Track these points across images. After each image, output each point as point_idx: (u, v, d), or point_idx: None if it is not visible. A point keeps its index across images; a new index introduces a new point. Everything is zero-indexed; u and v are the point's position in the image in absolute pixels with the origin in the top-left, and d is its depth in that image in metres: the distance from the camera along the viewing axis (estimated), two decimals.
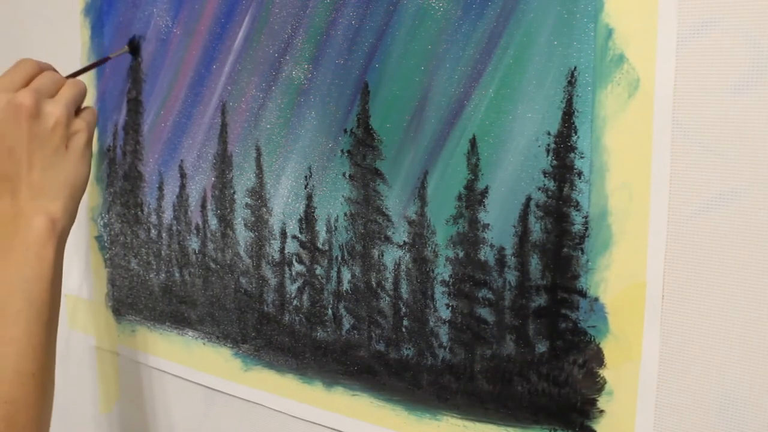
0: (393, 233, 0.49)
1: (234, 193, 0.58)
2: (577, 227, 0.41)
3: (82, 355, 0.75)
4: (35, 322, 0.46)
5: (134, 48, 0.62)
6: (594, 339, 0.41)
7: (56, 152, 0.49)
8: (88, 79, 0.70)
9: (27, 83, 0.50)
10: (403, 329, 0.49)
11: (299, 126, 0.53)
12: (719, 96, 0.36)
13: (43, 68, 0.52)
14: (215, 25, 0.58)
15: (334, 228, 0.52)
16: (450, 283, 0.46)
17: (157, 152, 0.64)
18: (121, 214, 0.68)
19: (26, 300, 0.46)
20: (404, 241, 0.48)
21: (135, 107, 0.66)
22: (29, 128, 0.47)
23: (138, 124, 0.66)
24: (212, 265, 0.60)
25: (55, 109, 0.49)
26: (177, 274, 0.64)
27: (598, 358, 0.41)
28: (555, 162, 0.41)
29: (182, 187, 0.62)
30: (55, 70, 0.54)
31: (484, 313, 0.45)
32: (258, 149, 0.56)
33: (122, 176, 0.68)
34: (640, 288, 0.39)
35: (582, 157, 0.40)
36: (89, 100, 0.70)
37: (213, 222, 0.60)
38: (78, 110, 0.53)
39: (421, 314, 0.48)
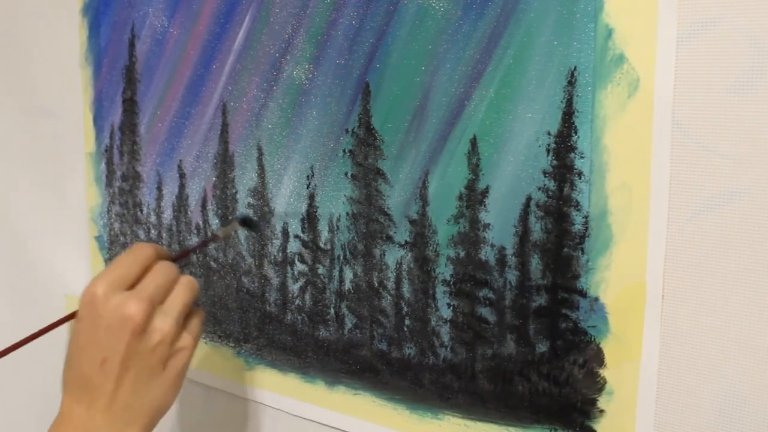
0: (395, 233, 0.49)
1: (236, 192, 0.58)
2: (577, 227, 0.41)
3: None
4: None
5: (247, 224, 0.57)
6: (594, 339, 0.41)
7: (151, 373, 0.44)
8: (85, 79, 0.70)
9: (141, 276, 0.45)
10: (405, 328, 0.49)
11: (301, 126, 0.53)
12: (719, 96, 0.36)
13: (159, 255, 0.47)
14: (214, 25, 0.58)
15: (336, 227, 0.52)
16: (451, 282, 0.46)
17: (154, 153, 0.64)
18: (120, 215, 0.68)
19: None
20: (406, 241, 0.48)
21: (131, 107, 0.66)
22: (130, 344, 0.43)
23: (134, 124, 0.66)
24: (213, 265, 0.61)
25: (164, 325, 0.44)
26: None
27: (599, 358, 0.41)
28: (555, 162, 0.41)
29: (182, 187, 0.62)
30: (170, 255, 0.48)
31: (485, 312, 0.45)
32: (260, 149, 0.56)
33: (120, 177, 0.68)
34: (640, 288, 0.39)
35: (582, 157, 0.40)
36: (87, 100, 0.70)
37: (214, 222, 0.60)
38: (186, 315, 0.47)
39: (422, 313, 0.48)
